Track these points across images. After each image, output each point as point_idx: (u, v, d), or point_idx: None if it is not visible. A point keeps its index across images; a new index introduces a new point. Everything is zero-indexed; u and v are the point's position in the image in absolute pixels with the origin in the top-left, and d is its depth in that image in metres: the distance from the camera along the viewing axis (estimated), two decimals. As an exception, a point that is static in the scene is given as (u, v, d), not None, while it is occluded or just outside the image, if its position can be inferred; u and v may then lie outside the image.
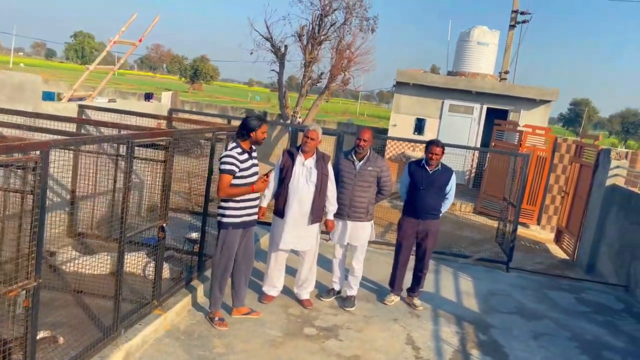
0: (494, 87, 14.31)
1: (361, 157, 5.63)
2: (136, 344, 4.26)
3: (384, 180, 5.71)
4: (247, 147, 4.80)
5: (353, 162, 5.63)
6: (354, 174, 5.60)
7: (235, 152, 4.70)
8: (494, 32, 15.03)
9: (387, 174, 5.72)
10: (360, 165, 5.61)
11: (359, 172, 5.60)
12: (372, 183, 5.67)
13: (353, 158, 5.64)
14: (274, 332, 4.97)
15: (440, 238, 9.94)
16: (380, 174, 5.67)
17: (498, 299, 6.63)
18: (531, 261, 9.37)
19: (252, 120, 4.75)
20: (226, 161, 4.65)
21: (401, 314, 5.80)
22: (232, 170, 4.64)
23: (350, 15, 14.60)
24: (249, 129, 4.72)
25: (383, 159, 5.75)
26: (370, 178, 5.64)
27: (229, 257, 4.88)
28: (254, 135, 4.73)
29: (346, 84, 15.94)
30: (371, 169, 5.63)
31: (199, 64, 69.91)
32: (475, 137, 14.81)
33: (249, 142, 4.78)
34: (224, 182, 4.64)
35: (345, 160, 5.67)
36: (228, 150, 4.73)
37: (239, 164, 4.68)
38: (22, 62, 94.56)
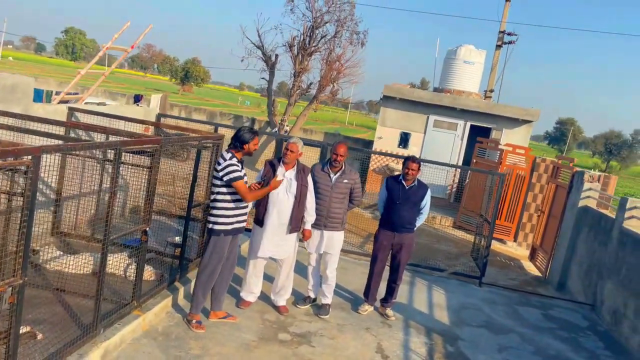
0: (478, 105, 14.65)
1: (336, 170, 5.86)
2: (114, 343, 4.41)
3: (356, 192, 5.99)
4: (239, 157, 5.00)
5: (329, 175, 5.86)
6: (330, 186, 5.83)
7: (235, 161, 4.91)
8: (481, 51, 15.40)
9: (359, 186, 6.01)
10: (336, 178, 5.84)
11: (334, 184, 5.83)
12: (346, 194, 5.92)
13: (328, 170, 5.87)
14: (249, 337, 5.14)
15: (417, 251, 10.31)
16: (353, 186, 5.93)
17: (468, 312, 6.87)
18: (505, 277, 9.63)
19: (246, 133, 4.96)
20: (233, 169, 4.83)
21: (373, 323, 6.00)
22: (242, 176, 4.89)
23: (341, 28, 14.87)
24: (243, 141, 4.93)
25: (356, 172, 6.00)
26: (345, 190, 5.88)
27: (217, 262, 5.05)
28: (247, 147, 4.95)
29: (335, 94, 16.20)
30: (346, 182, 5.87)
31: (190, 66, 69.93)
32: (458, 153, 15.11)
33: (242, 153, 4.99)
34: (243, 189, 4.85)
35: (322, 172, 5.89)
36: (228, 160, 4.89)
37: (241, 170, 4.93)
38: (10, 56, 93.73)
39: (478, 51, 15.33)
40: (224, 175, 4.80)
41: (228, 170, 4.80)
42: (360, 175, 6.09)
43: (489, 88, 17.65)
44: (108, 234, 4.20)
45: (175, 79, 72.79)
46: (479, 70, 15.45)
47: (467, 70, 15.14)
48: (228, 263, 5.24)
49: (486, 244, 8.26)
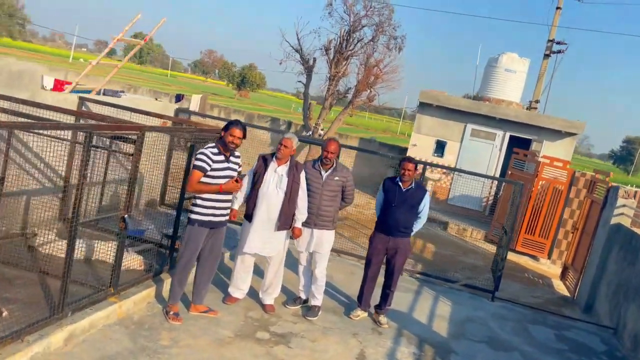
0: (518, 115, 14.06)
1: (328, 168, 5.69)
2: (82, 327, 4.41)
3: (348, 190, 5.80)
4: (223, 150, 4.92)
5: (320, 172, 5.70)
6: (320, 184, 5.67)
7: (210, 151, 4.84)
8: (524, 59, 14.80)
9: (351, 184, 5.81)
10: (327, 175, 5.68)
11: (325, 181, 5.67)
12: (338, 192, 5.74)
13: (320, 168, 5.71)
14: (225, 332, 5.04)
15: (439, 260, 9.94)
16: (345, 184, 5.74)
17: (472, 326, 6.50)
18: (529, 294, 9.12)
19: (227, 125, 4.89)
20: (199, 157, 4.80)
21: (363, 329, 5.77)
22: (203, 168, 4.78)
23: (379, 33, 14.66)
24: (222, 130, 4.86)
25: (348, 169, 5.82)
26: (336, 188, 5.71)
27: (192, 252, 4.99)
28: (224, 136, 4.86)
29: (371, 100, 15.97)
30: (337, 179, 5.69)
31: (247, 71, 71.21)
32: (495, 164, 14.56)
33: (221, 145, 4.91)
34: (193, 178, 4.79)
35: (313, 170, 5.73)
36: (205, 148, 4.87)
37: (212, 163, 4.82)
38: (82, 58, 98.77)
39: (521, 59, 14.74)
40: (194, 161, 4.76)
41: (196, 157, 4.77)
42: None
43: (534, 98, 16.94)
44: (77, 217, 4.21)
45: (232, 84, 74.29)
46: (521, 79, 14.85)
47: (508, 78, 14.59)
48: (210, 257, 5.17)
49: (501, 256, 7.82)
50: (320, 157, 5.70)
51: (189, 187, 4.80)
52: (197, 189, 4.82)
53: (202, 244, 5.02)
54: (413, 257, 9.86)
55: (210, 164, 4.78)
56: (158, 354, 4.41)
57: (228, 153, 4.94)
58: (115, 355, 4.26)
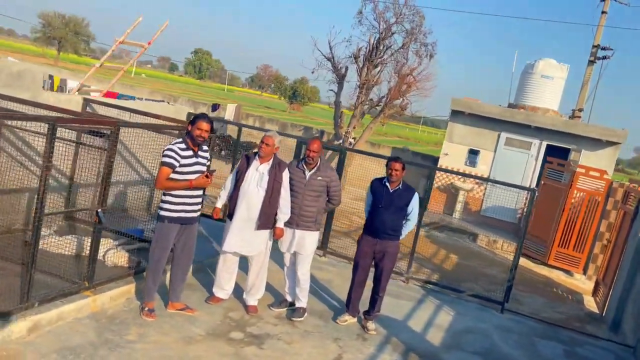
0: (555, 123, 13.42)
1: (311, 167, 5.57)
2: (48, 318, 4.45)
3: (333, 190, 5.64)
4: (191, 144, 4.89)
5: (303, 172, 5.58)
6: (303, 183, 5.55)
7: (177, 147, 4.82)
8: (562, 65, 14.14)
9: (336, 184, 5.64)
10: (310, 175, 5.55)
11: (308, 181, 5.54)
12: (322, 192, 5.60)
13: (303, 167, 5.59)
14: (197, 331, 4.98)
15: (457, 271, 9.55)
16: (329, 184, 5.59)
17: (470, 337, 6.16)
18: (552, 310, 8.60)
19: (193, 119, 4.87)
20: (166, 154, 4.78)
21: (347, 335, 5.57)
22: (172, 164, 4.75)
23: (409, 40, 14.43)
24: (188, 124, 4.85)
25: (332, 169, 5.67)
26: (319, 188, 5.56)
27: (163, 249, 4.97)
28: (191, 130, 4.83)
29: (404, 109, 15.72)
30: (320, 179, 5.55)
31: (298, 85, 72.00)
32: (531, 174, 13.94)
33: (189, 139, 4.88)
34: (161, 174, 4.76)
35: (296, 170, 5.62)
36: (171, 144, 4.87)
37: (180, 158, 4.79)
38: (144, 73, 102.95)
39: (559, 65, 14.10)
40: (162, 157, 4.73)
41: (163, 154, 4.72)
42: (423, 193, 5.67)
43: (577, 107, 16.16)
44: (42, 210, 4.28)
45: (284, 98, 75.30)
46: (558, 85, 14.19)
47: (545, 85, 13.97)
48: (183, 254, 5.14)
49: (511, 265, 7.41)
50: (303, 156, 5.58)
51: (157, 184, 4.78)
52: (167, 185, 4.79)
53: (174, 241, 4.99)
54: (431, 266, 9.53)
55: (178, 160, 4.75)
56: (120, 347, 4.40)
57: (196, 148, 4.90)
58: (76, 347, 4.27)
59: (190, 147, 4.87)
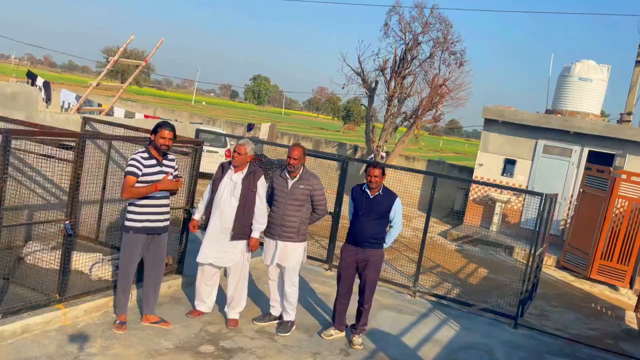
0: (595, 128, 12.59)
1: (294, 175, 5.37)
2: (11, 330, 4.46)
3: (317, 199, 5.39)
4: (154, 153, 4.84)
5: (286, 180, 5.40)
6: (285, 192, 5.36)
7: (140, 156, 4.78)
8: (602, 66, 13.29)
9: (319, 193, 5.39)
10: (293, 184, 5.35)
11: (290, 190, 5.35)
12: (305, 202, 5.37)
13: (286, 176, 5.40)
14: (166, 344, 4.85)
15: (483, 285, 8.99)
16: (312, 193, 5.36)
17: (469, 354, 5.71)
18: (584, 326, 7.91)
19: (156, 125, 4.82)
20: (129, 163, 4.75)
21: (328, 349, 5.28)
22: (135, 173, 4.71)
23: (437, 49, 14.06)
24: (151, 134, 4.80)
25: (316, 177, 5.43)
26: (302, 197, 5.34)
27: (129, 261, 4.91)
28: (154, 139, 4.78)
29: (437, 120, 15.28)
30: (303, 187, 5.34)
31: (351, 105, 72.13)
32: (573, 183, 13.11)
33: (153, 147, 4.83)
34: (125, 184, 4.71)
35: (279, 179, 5.45)
36: (134, 153, 4.84)
37: (142, 168, 4.74)
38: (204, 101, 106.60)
39: (599, 66, 13.26)
40: (125, 168, 4.70)
41: (127, 163, 4.69)
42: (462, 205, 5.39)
43: (626, 110, 15.11)
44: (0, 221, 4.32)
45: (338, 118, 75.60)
46: (599, 87, 13.33)
47: (583, 88, 13.16)
48: (154, 266, 5.06)
49: (525, 275, 6.87)
50: (286, 165, 5.40)
51: (123, 193, 4.74)
52: (132, 193, 4.74)
53: (142, 252, 4.92)
54: (454, 280, 9.04)
55: (141, 169, 4.70)
56: (76, 360, 4.34)
57: (160, 157, 4.84)
58: (31, 358, 4.24)
59: (153, 156, 4.82)
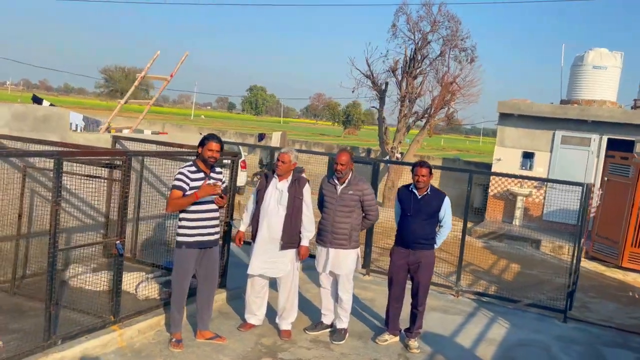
0: (613, 115, 12.53)
1: (343, 181, 5.32)
2: (72, 355, 4.40)
3: (368, 204, 5.33)
4: (202, 166, 4.80)
5: (335, 186, 5.35)
6: (335, 198, 5.31)
7: (187, 170, 4.75)
8: (615, 53, 13.25)
9: (370, 197, 5.32)
10: (342, 189, 5.30)
11: (340, 195, 5.29)
12: (355, 207, 5.30)
13: (335, 182, 5.35)
14: (225, 359, 4.78)
15: (519, 281, 8.91)
16: (362, 198, 5.30)
17: (525, 350, 5.63)
18: (626, 315, 7.81)
19: (201, 139, 4.79)
20: (176, 177, 4.73)
21: (387, 355, 5.20)
22: (181, 187, 4.68)
23: (447, 47, 14.03)
24: (198, 147, 4.77)
25: (366, 181, 5.37)
26: (351, 202, 5.28)
27: (183, 277, 4.86)
28: (201, 151, 4.75)
29: (450, 118, 15.23)
30: (352, 193, 5.28)
31: (351, 109, 72.18)
32: (593, 172, 13.03)
33: (200, 160, 4.79)
34: (170, 196, 4.70)
35: (328, 185, 5.40)
36: (181, 167, 4.80)
37: (189, 181, 4.71)
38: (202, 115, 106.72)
39: (611, 54, 13.22)
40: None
41: (174, 177, 4.65)
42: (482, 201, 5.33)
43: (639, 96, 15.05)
44: (55, 245, 4.26)
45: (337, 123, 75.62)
46: (614, 74, 13.29)
47: (598, 76, 13.12)
48: (207, 281, 5.00)
49: (572, 268, 6.80)
50: (334, 170, 5.35)
51: (167, 207, 4.74)
52: (176, 206, 4.70)
53: (194, 267, 4.87)
54: (489, 277, 8.95)
55: (188, 183, 4.66)
56: (142, 381, 4.27)
57: (208, 170, 4.80)
58: (97, 383, 4.17)
59: (201, 169, 4.77)
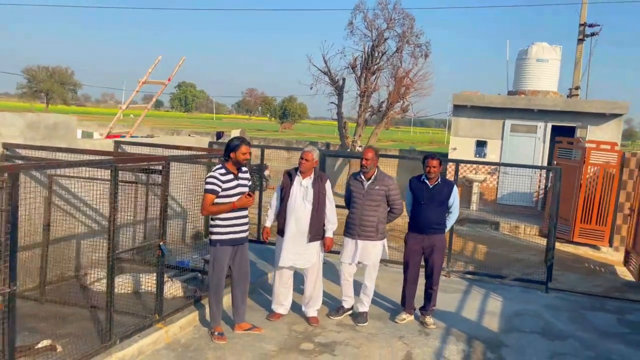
0: (556, 104, 13.69)
1: (369, 177, 5.75)
2: (131, 354, 4.60)
3: (393, 199, 5.78)
4: (231, 168, 5.10)
5: (362, 182, 5.78)
6: (362, 194, 5.73)
7: (218, 173, 5.03)
8: (555, 47, 14.45)
9: (395, 193, 5.79)
10: (368, 185, 5.74)
11: (367, 191, 5.72)
12: (381, 202, 5.75)
13: (362, 178, 5.78)
14: (269, 347, 5.12)
15: (491, 260, 9.70)
16: (388, 193, 5.75)
17: (523, 319, 6.32)
18: (588, 284, 8.75)
19: (233, 141, 5.07)
20: (209, 181, 4.99)
21: (409, 332, 5.72)
22: (214, 190, 4.96)
23: (403, 43, 14.73)
24: (229, 150, 5.05)
25: (390, 178, 5.83)
26: (378, 197, 5.73)
27: (219, 272, 5.15)
28: (234, 155, 5.04)
29: (405, 111, 15.97)
30: (378, 188, 5.72)
31: (287, 104, 72.57)
32: (540, 157, 14.17)
33: (231, 163, 5.09)
34: (205, 201, 4.98)
35: (355, 181, 5.83)
36: (212, 172, 5.07)
37: (222, 184, 5.00)
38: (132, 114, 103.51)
39: (552, 47, 14.41)
40: (205, 186, 4.94)
41: (206, 182, 4.95)
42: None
43: (574, 85, 16.47)
44: (113, 249, 4.44)
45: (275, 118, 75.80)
46: (555, 67, 14.49)
47: (541, 68, 14.27)
48: (241, 275, 5.31)
49: (549, 244, 7.59)
50: (360, 167, 5.78)
51: (202, 211, 5.01)
52: (211, 211, 5.01)
53: (229, 263, 5.17)
54: (464, 259, 9.68)
55: (220, 185, 4.96)
56: (204, 372, 4.54)
57: (236, 171, 5.11)
58: (163, 377, 4.41)
59: (230, 171, 5.07)
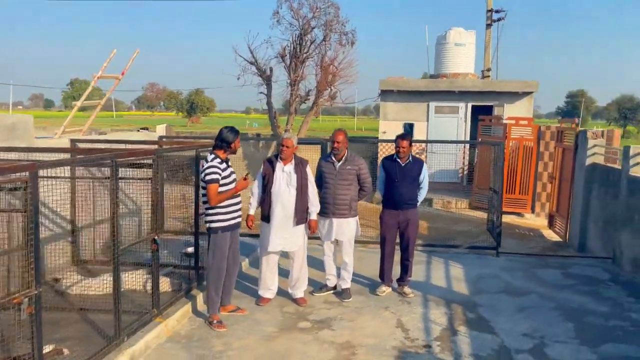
0: (475, 85, 14.70)
1: (339, 158, 6.01)
2: (139, 349, 4.58)
3: (363, 178, 6.08)
4: (224, 157, 5.19)
5: (333, 164, 6.01)
6: (334, 174, 5.98)
7: (216, 163, 5.09)
8: (470, 32, 15.48)
9: (365, 172, 6.09)
10: (340, 165, 5.99)
11: (338, 171, 5.97)
12: (353, 181, 6.03)
13: (332, 160, 6.02)
14: (269, 329, 5.27)
15: (435, 233, 10.36)
16: (358, 172, 6.04)
17: (486, 281, 6.91)
18: (524, 247, 9.63)
19: (229, 132, 5.16)
20: (211, 172, 5.03)
21: (392, 302, 6.09)
22: (218, 179, 5.04)
23: (329, 32, 15.07)
24: (229, 141, 5.13)
25: (360, 158, 6.12)
26: (349, 176, 6.00)
27: (221, 259, 5.23)
28: (234, 146, 5.14)
29: (333, 98, 16.37)
30: (350, 168, 6.00)
31: (194, 97, 70.92)
32: (463, 135, 15.15)
33: (228, 153, 5.17)
34: (212, 191, 5.02)
35: (326, 163, 6.05)
36: (209, 162, 5.11)
37: (221, 172, 5.08)
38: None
39: (468, 32, 15.42)
40: (204, 176, 5.00)
41: (207, 172, 5.02)
42: (372, 170, 6.18)
43: (485, 68, 17.69)
44: (117, 247, 4.38)
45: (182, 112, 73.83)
46: (471, 50, 15.52)
47: (459, 52, 15.23)
48: (233, 259, 5.42)
49: (497, 213, 8.28)
50: (331, 149, 6.00)
51: (211, 201, 5.04)
52: (219, 199, 5.07)
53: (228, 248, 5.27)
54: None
55: (220, 174, 5.05)
56: (217, 359, 4.62)
57: (226, 159, 5.24)
58: (179, 367, 4.44)
59: (223, 159, 5.16)
